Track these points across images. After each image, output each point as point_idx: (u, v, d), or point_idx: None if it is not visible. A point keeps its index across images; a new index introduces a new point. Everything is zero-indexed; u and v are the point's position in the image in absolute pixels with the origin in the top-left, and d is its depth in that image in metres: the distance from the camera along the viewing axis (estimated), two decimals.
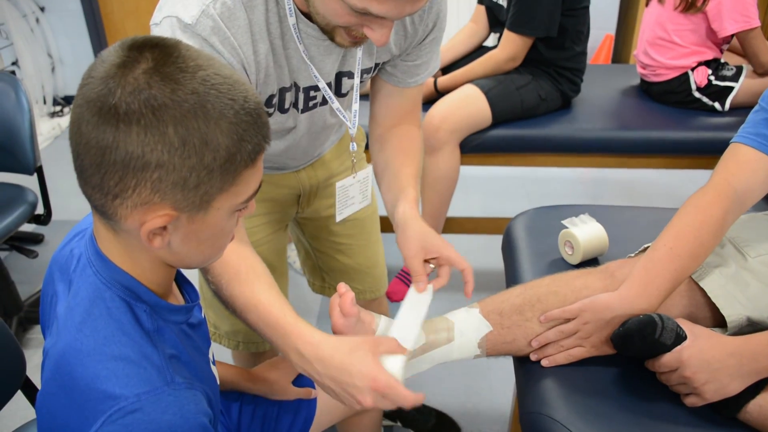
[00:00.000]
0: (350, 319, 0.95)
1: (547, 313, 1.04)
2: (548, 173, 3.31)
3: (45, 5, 4.11)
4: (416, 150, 1.23)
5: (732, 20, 2.05)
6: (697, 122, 2.09)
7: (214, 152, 0.65)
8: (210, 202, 0.68)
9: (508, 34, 2.02)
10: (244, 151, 0.67)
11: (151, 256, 0.74)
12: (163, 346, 0.72)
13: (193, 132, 0.63)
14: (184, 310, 0.81)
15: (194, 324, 0.85)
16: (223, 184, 0.68)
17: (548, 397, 0.99)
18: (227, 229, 0.75)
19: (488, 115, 2.00)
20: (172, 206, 0.66)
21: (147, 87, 0.62)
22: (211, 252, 0.77)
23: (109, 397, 0.66)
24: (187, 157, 0.64)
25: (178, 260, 0.75)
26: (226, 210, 0.71)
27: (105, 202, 0.66)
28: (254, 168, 0.71)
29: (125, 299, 0.72)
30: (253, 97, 0.69)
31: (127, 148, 0.62)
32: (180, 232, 0.70)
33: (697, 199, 1.05)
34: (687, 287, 1.07)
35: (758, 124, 1.05)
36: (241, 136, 0.67)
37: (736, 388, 0.92)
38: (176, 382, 0.70)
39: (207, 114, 0.64)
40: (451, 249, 1.04)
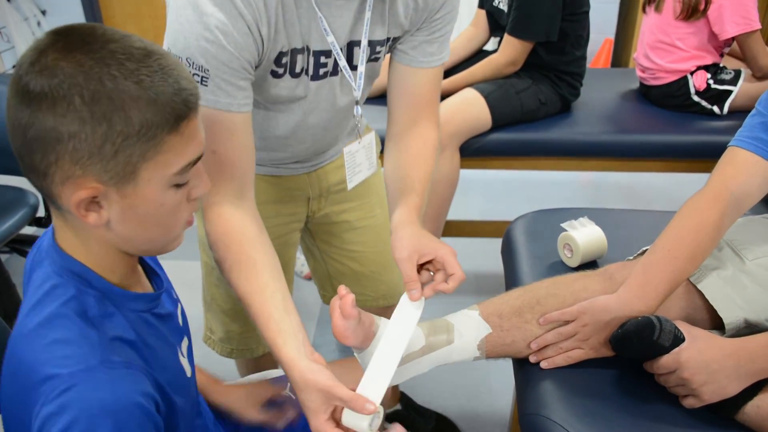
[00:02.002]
0: (350, 321, 0.96)
1: (546, 315, 1.05)
2: (548, 177, 3.31)
3: (46, 8, 4.13)
4: (429, 154, 1.18)
5: (733, 23, 2.05)
6: (695, 126, 2.09)
7: (126, 119, 0.66)
8: (136, 172, 0.69)
9: (508, 38, 2.03)
10: (161, 116, 0.68)
11: (102, 241, 0.74)
12: (106, 329, 0.72)
13: (100, 100, 0.65)
14: (146, 299, 0.80)
15: (162, 315, 0.84)
16: (145, 151, 0.68)
17: (547, 398, 1.00)
18: (169, 206, 0.74)
19: (488, 118, 2.00)
20: (95, 178, 0.67)
21: (55, 64, 0.65)
22: (159, 233, 0.76)
23: (48, 378, 0.66)
24: (98, 125, 0.65)
25: (125, 243, 0.75)
26: (159, 182, 0.71)
27: (41, 184, 0.69)
28: (180, 135, 0.70)
29: (74, 286, 0.73)
30: (171, 65, 0.70)
31: (41, 124, 0.65)
32: (115, 208, 0.70)
33: (694, 202, 1.05)
34: (685, 290, 1.08)
35: (755, 128, 1.06)
36: (157, 101, 0.67)
37: (734, 389, 0.92)
38: (111, 361, 0.69)
39: (115, 81, 0.65)
40: (447, 250, 0.97)
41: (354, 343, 0.99)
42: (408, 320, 0.96)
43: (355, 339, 0.98)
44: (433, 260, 0.98)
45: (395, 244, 1.00)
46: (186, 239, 0.84)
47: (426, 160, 1.16)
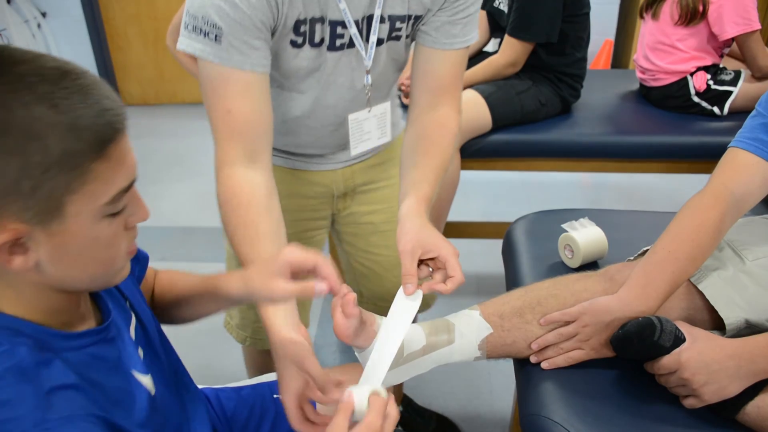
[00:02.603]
0: (352, 320, 0.96)
1: (546, 315, 1.05)
2: (548, 178, 3.32)
3: (47, 11, 4.13)
4: (447, 142, 1.15)
5: (733, 23, 2.06)
6: (696, 127, 2.10)
7: (43, 149, 0.59)
8: (61, 207, 0.62)
9: (508, 39, 2.03)
10: (83, 141, 0.61)
11: (35, 284, 0.67)
12: (42, 381, 0.64)
13: (10, 130, 0.58)
14: (90, 336, 0.73)
15: (111, 339, 0.77)
16: (68, 183, 0.61)
17: (548, 399, 1.00)
18: (105, 239, 0.67)
19: (488, 119, 2.01)
20: (15, 218, 0.60)
21: None
22: (98, 269, 0.69)
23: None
24: (10, 158, 0.58)
25: (62, 284, 0.68)
26: (89, 215, 0.64)
27: None
28: (107, 161, 0.63)
29: (4, 340, 0.65)
30: (92, 84, 0.64)
31: None
32: (43, 249, 0.63)
33: (694, 203, 1.06)
34: (685, 290, 1.08)
35: (755, 129, 1.07)
36: (77, 125, 0.60)
37: (734, 389, 0.92)
38: (48, 420, 0.61)
39: (27, 107, 0.58)
40: (450, 250, 0.95)
41: (355, 342, 0.99)
42: (404, 313, 0.96)
43: (356, 338, 0.98)
44: (435, 258, 0.97)
45: (400, 235, 0.98)
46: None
47: (442, 147, 1.14)
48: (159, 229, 2.93)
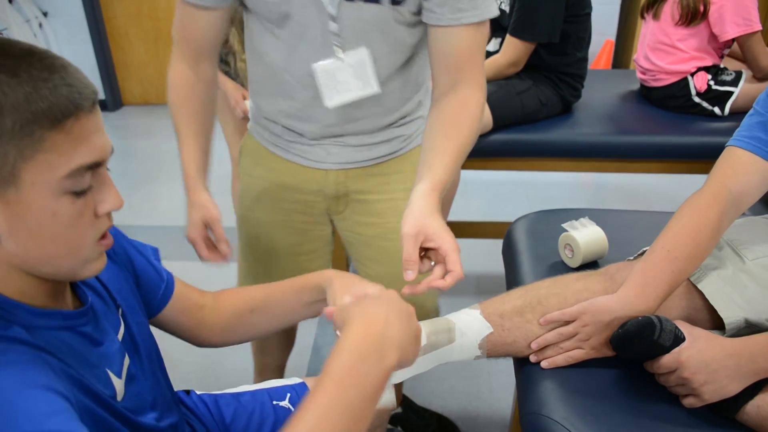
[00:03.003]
0: None
1: (546, 315, 1.05)
2: (548, 178, 3.32)
3: (48, 10, 4.14)
4: (466, 121, 1.12)
5: (734, 24, 2.06)
6: (696, 127, 2.10)
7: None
8: (15, 173, 0.62)
9: (510, 39, 2.03)
10: (37, 109, 0.62)
11: (1, 261, 0.67)
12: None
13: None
14: (57, 316, 0.72)
15: (87, 334, 0.76)
16: (22, 149, 0.62)
17: (548, 398, 1.00)
18: (64, 217, 0.66)
19: (489, 119, 2.01)
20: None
21: None
22: (58, 251, 0.68)
23: None
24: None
25: (22, 262, 0.68)
26: (46, 187, 0.64)
27: None
28: (65, 134, 0.64)
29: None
30: (59, 62, 0.65)
31: None
32: (1, 218, 0.64)
33: (693, 202, 1.06)
34: (685, 290, 1.08)
35: (753, 128, 1.07)
36: (32, 93, 0.62)
37: (734, 389, 0.92)
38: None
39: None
40: (452, 245, 0.95)
41: None
42: None
43: None
44: (436, 249, 0.97)
45: (406, 216, 0.98)
46: None
47: (462, 129, 1.12)
48: (159, 228, 2.93)
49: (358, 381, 0.67)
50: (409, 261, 0.95)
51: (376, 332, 0.72)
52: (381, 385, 0.69)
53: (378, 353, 0.70)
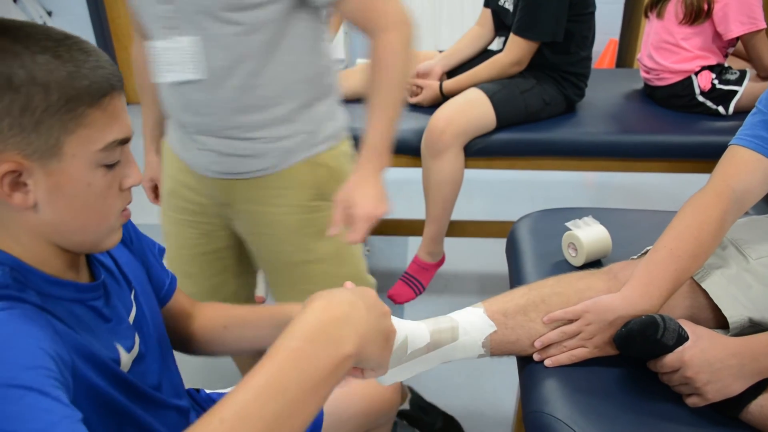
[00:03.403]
0: None
1: (550, 314, 1.05)
2: (552, 177, 3.31)
3: (52, 9, 4.15)
4: (385, 66, 1.20)
5: (738, 22, 2.05)
6: (700, 126, 2.09)
7: (44, 89, 0.66)
8: (59, 146, 0.68)
9: (513, 38, 2.03)
10: (81, 88, 0.68)
11: (33, 232, 0.72)
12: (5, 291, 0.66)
13: (15, 71, 0.65)
14: (72, 288, 0.75)
15: (97, 309, 0.79)
16: (66, 123, 0.68)
17: (551, 396, 1.00)
18: (98, 188, 0.72)
19: (492, 118, 2.01)
20: (18, 152, 0.66)
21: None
22: (90, 219, 0.74)
23: None
24: (15, 95, 0.65)
25: (56, 230, 0.72)
26: (84, 159, 0.70)
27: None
28: (102, 110, 0.70)
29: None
30: (92, 48, 0.71)
31: None
32: (41, 188, 0.69)
33: (696, 201, 1.06)
34: (689, 288, 1.08)
35: (755, 126, 1.07)
36: (77, 74, 0.68)
37: (737, 388, 0.92)
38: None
39: (32, 55, 0.66)
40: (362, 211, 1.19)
41: None
42: None
43: None
44: None
45: (344, 186, 1.22)
46: None
47: (381, 75, 1.21)
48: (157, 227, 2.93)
49: (302, 364, 0.63)
50: (332, 222, 1.20)
51: (336, 316, 0.68)
52: (330, 374, 0.65)
53: (332, 339, 0.66)
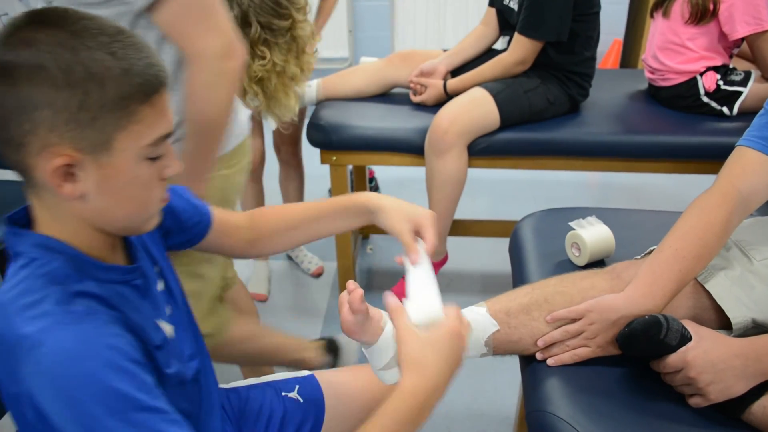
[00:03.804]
0: (359, 316, 0.97)
1: (553, 313, 1.05)
2: (556, 176, 3.31)
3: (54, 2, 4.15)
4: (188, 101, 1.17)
5: (744, 23, 2.05)
6: (705, 127, 2.09)
7: (101, 87, 0.68)
8: (110, 141, 0.71)
9: (518, 37, 2.03)
10: (134, 87, 0.70)
11: (78, 217, 0.75)
12: (70, 286, 0.72)
13: (75, 68, 0.67)
14: (118, 271, 0.80)
15: (138, 286, 0.84)
16: (119, 120, 0.70)
17: (553, 395, 1.00)
18: (143, 179, 0.76)
19: (496, 118, 2.00)
20: (71, 146, 0.69)
21: (31, 38, 0.68)
22: (134, 208, 0.78)
23: (20, 340, 0.68)
24: (74, 92, 0.68)
25: (101, 217, 0.76)
26: (133, 153, 0.73)
27: (17, 158, 0.71)
28: (152, 107, 0.73)
29: (41, 255, 0.74)
30: (142, 43, 0.73)
31: (17, 94, 0.67)
32: (91, 179, 0.72)
33: (701, 202, 1.06)
34: (692, 289, 1.08)
35: (763, 128, 1.07)
36: (130, 73, 0.70)
37: (740, 389, 0.92)
38: (74, 311, 0.70)
39: (90, 51, 0.68)
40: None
41: (362, 338, 1.00)
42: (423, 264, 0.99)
43: (363, 334, 0.99)
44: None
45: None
46: None
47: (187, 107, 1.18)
48: None
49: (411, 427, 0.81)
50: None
51: (430, 387, 0.84)
52: None
53: (431, 403, 0.84)
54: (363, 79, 2.29)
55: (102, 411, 0.66)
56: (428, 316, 0.87)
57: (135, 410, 0.67)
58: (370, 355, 1.03)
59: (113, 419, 0.66)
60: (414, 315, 0.87)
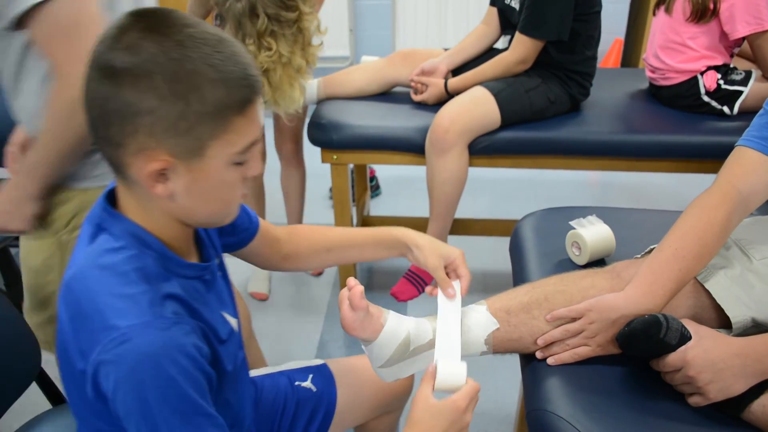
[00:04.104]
0: (359, 313, 0.97)
1: (553, 311, 1.05)
2: (556, 176, 3.31)
3: None
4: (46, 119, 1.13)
5: (744, 22, 2.05)
6: (705, 126, 2.09)
7: (201, 99, 0.71)
8: (203, 148, 0.74)
9: (519, 36, 2.03)
10: (231, 99, 0.73)
11: (165, 211, 0.80)
12: (161, 287, 0.77)
13: (179, 80, 0.70)
14: (196, 268, 0.86)
15: (207, 281, 0.90)
16: (213, 130, 0.74)
17: (553, 394, 1.00)
18: (229, 183, 0.79)
19: (497, 117, 2.01)
20: (167, 151, 0.73)
21: (138, 43, 0.70)
22: (218, 207, 0.82)
23: (106, 328, 0.72)
24: (175, 102, 0.71)
25: (186, 214, 0.81)
26: (223, 160, 0.76)
27: (113, 154, 0.75)
28: (245, 118, 0.76)
29: (135, 246, 0.79)
30: (241, 53, 0.76)
31: (122, 98, 0.70)
32: (181, 181, 0.76)
33: (701, 201, 1.06)
34: (692, 288, 1.08)
35: (763, 128, 1.07)
36: (228, 84, 0.73)
37: (740, 388, 0.93)
38: (164, 317, 0.74)
39: (193, 63, 0.71)
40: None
41: (362, 335, 1.00)
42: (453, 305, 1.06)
43: (362, 331, 0.99)
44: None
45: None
46: None
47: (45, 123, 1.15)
48: None
49: None
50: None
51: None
52: None
53: None
54: (364, 79, 2.29)
55: (168, 411, 0.73)
56: (451, 384, 0.91)
57: (196, 414, 0.75)
58: (369, 352, 1.03)
59: (177, 419, 0.74)
60: (440, 378, 0.91)
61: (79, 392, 0.78)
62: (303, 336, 2.27)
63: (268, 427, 1.15)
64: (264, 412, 1.15)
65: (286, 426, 1.16)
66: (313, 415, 1.18)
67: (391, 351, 1.02)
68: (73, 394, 0.83)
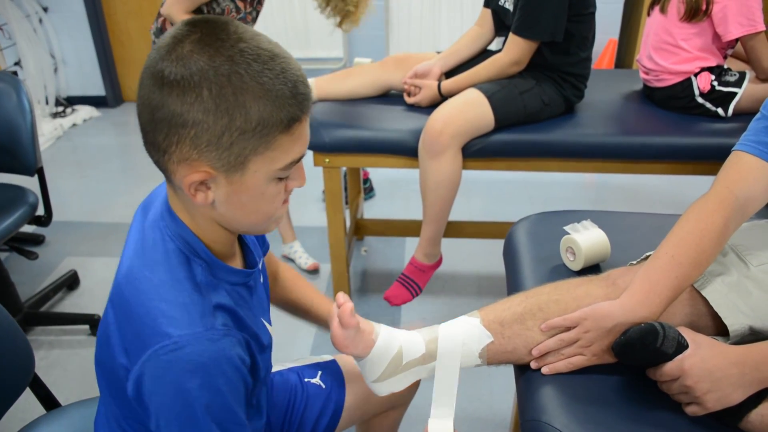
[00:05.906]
0: (349, 331, 0.95)
1: (548, 321, 1.03)
2: (551, 178, 3.31)
3: (48, 5, 4.12)
4: None
5: (737, 24, 2.04)
6: (699, 128, 2.08)
7: (245, 115, 0.71)
8: (245, 163, 0.75)
9: (513, 37, 2.01)
10: (277, 117, 0.73)
11: (207, 216, 0.82)
12: (210, 297, 0.80)
13: (225, 95, 0.70)
14: (242, 274, 0.88)
15: (251, 286, 0.92)
16: (257, 146, 0.74)
17: (548, 404, 0.99)
18: (269, 195, 0.79)
19: (491, 119, 1.99)
20: (209, 164, 0.74)
21: (189, 55, 0.71)
22: (258, 218, 0.82)
23: (157, 334, 0.74)
24: (220, 117, 0.71)
25: (226, 222, 0.82)
26: (264, 174, 0.77)
27: (159, 158, 0.76)
28: (290, 136, 0.75)
29: (185, 253, 0.81)
30: (293, 69, 0.75)
31: (170, 108, 0.71)
32: (221, 192, 0.77)
33: (698, 207, 1.04)
34: (689, 296, 1.07)
35: (759, 132, 1.05)
36: (275, 103, 0.72)
37: (738, 397, 0.91)
38: (214, 328, 0.77)
39: (241, 79, 0.71)
40: None
41: (354, 352, 0.99)
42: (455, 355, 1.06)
43: (354, 348, 0.97)
44: None
45: None
46: None
47: None
48: None
49: None
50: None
51: None
52: None
53: None
54: (357, 83, 2.27)
55: (209, 420, 0.76)
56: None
57: (232, 423, 0.79)
58: (362, 368, 1.02)
59: (216, 428, 0.77)
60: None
61: (121, 392, 0.79)
62: (296, 341, 2.26)
63: (279, 423, 1.16)
64: (274, 408, 1.16)
65: (296, 422, 1.18)
66: (322, 411, 1.19)
67: (383, 366, 1.00)
68: (115, 391, 0.84)
